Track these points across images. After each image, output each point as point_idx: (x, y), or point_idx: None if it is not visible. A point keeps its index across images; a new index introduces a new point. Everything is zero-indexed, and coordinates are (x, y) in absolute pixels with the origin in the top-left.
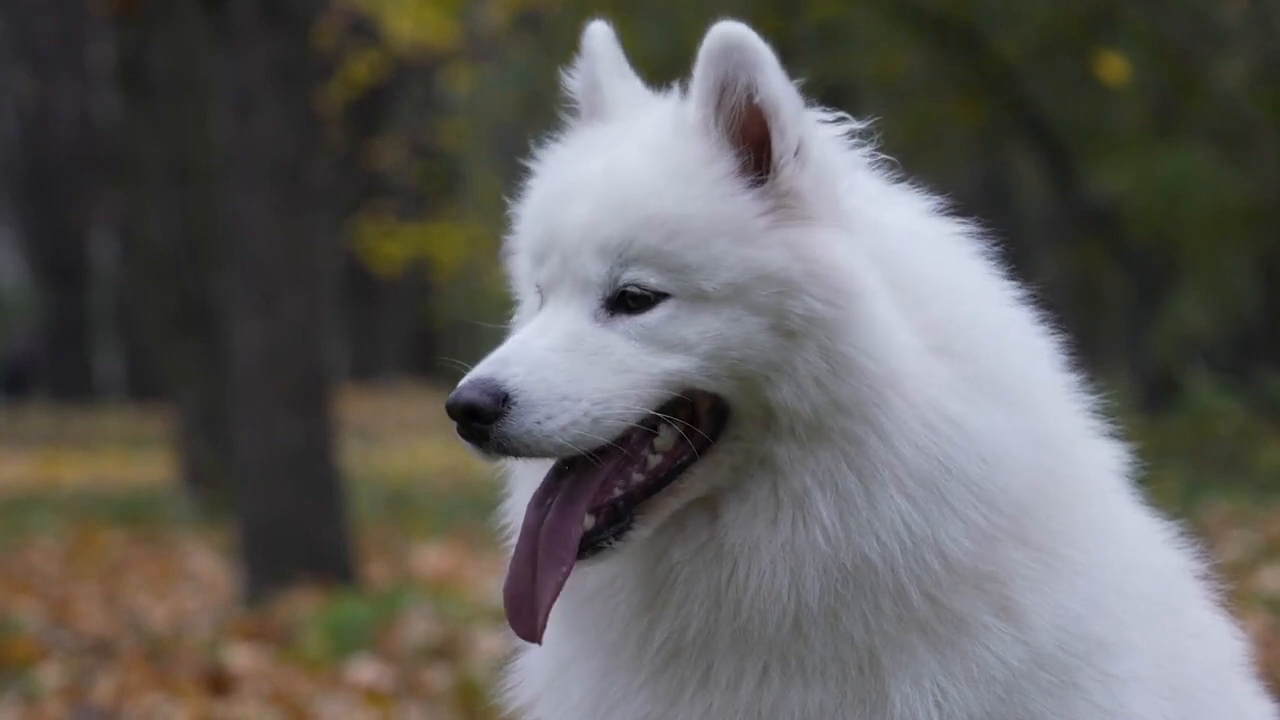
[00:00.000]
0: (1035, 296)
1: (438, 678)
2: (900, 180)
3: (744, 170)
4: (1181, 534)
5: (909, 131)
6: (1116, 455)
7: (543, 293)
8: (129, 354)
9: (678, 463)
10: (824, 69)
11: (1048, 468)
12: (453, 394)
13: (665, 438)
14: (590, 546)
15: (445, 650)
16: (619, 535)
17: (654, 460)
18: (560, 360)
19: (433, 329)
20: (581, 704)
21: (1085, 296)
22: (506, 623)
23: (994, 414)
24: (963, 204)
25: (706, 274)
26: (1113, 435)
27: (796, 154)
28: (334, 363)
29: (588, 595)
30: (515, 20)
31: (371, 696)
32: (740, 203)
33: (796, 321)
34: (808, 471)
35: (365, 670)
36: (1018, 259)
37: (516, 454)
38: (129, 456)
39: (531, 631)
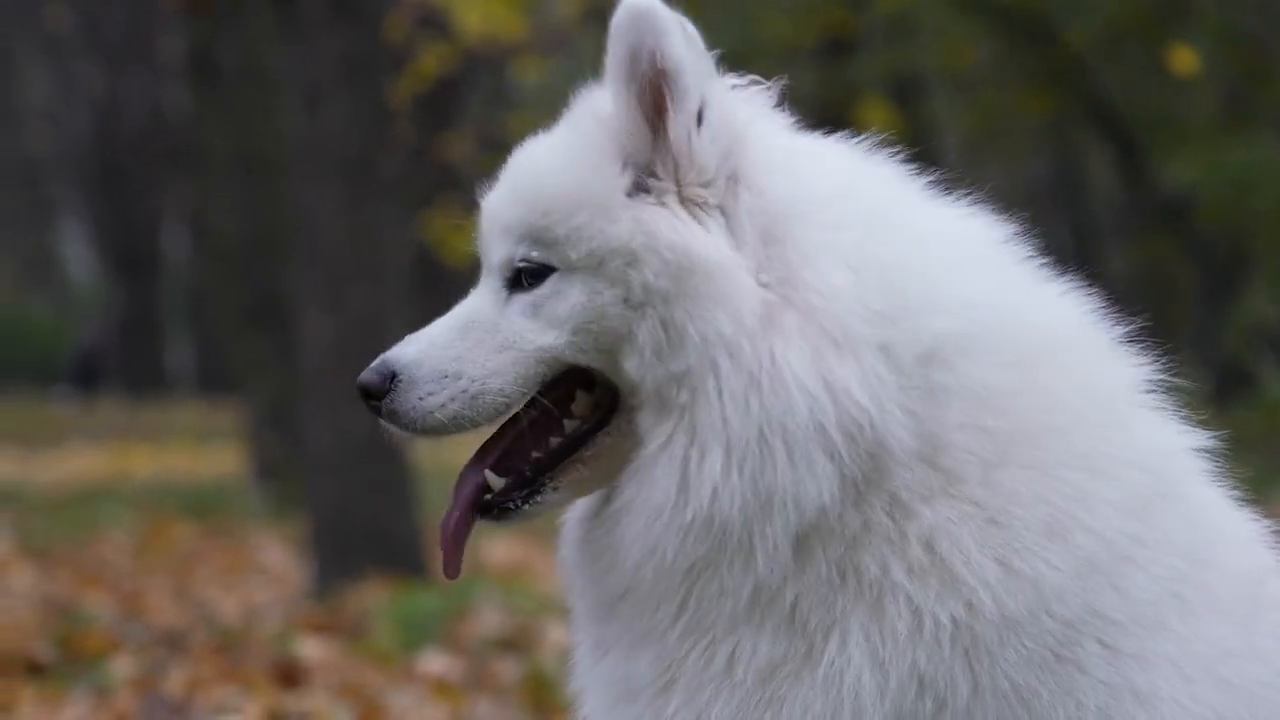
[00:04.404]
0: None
1: (507, 670)
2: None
3: (647, 142)
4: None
5: (978, 123)
6: (1193, 440)
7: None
8: (200, 347)
9: (584, 430)
10: (892, 61)
11: (976, 424)
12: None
13: (581, 403)
14: (498, 507)
15: (515, 642)
16: (527, 499)
17: (570, 425)
18: (451, 339)
19: None
20: (587, 646)
21: (1155, 288)
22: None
23: (847, 367)
24: (1032, 195)
25: (572, 245)
26: (1194, 422)
27: (694, 116)
28: None
29: (563, 565)
30: (585, 12)
31: (441, 689)
32: (606, 176)
33: (639, 292)
34: (656, 439)
35: (435, 662)
36: (1087, 250)
37: (407, 429)
38: (199, 449)
39: (448, 567)
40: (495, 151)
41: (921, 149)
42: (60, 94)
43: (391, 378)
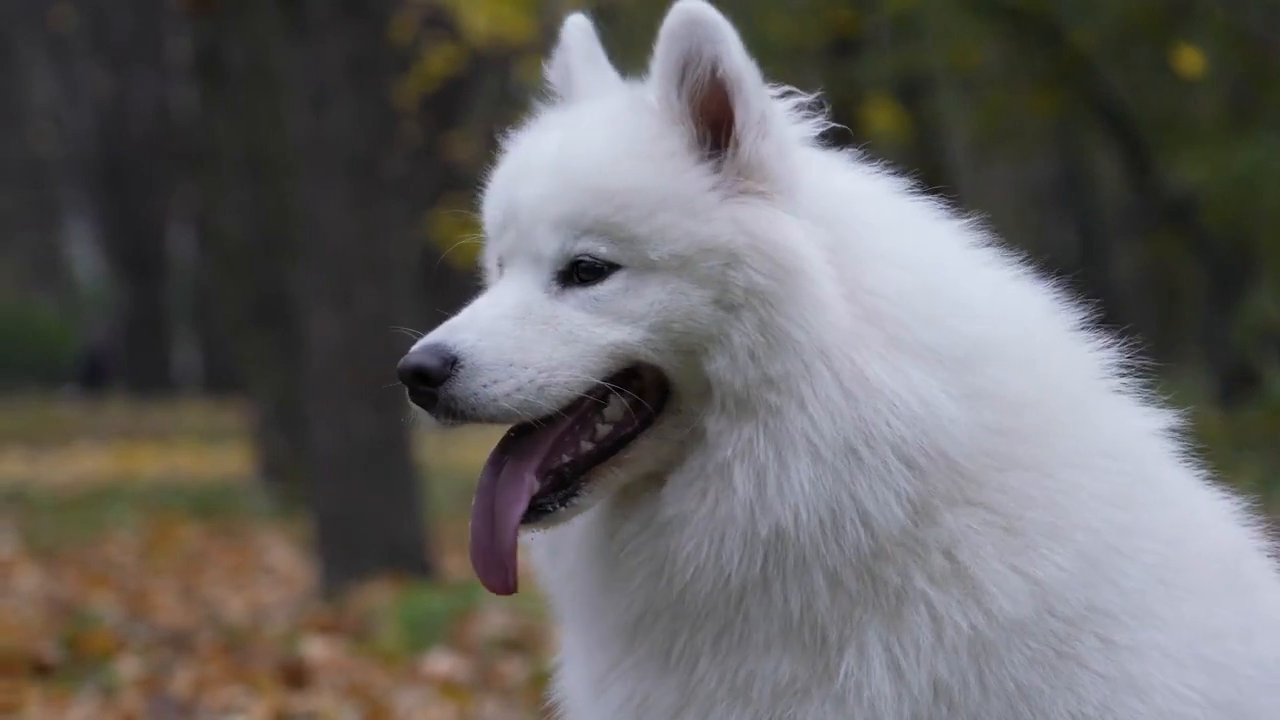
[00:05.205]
0: (1031, 261)
1: (513, 670)
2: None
3: (698, 145)
4: (1247, 510)
5: (985, 123)
6: (1159, 423)
7: (500, 266)
8: (206, 347)
9: (623, 433)
10: (899, 61)
11: (1003, 429)
12: (403, 359)
13: (614, 408)
14: (535, 509)
15: (521, 643)
16: (564, 501)
17: (603, 430)
18: (510, 328)
19: None
20: (583, 682)
21: (1162, 288)
22: (481, 583)
23: (918, 374)
24: (1038, 195)
25: (653, 245)
26: (1155, 403)
27: (759, 126)
28: None
29: (564, 575)
30: (590, 14)
31: (447, 689)
32: (689, 177)
33: (738, 294)
34: (730, 445)
35: (441, 663)
36: (1094, 250)
37: (463, 417)
38: (206, 449)
39: (503, 583)
40: (501, 150)
41: (928, 150)
42: (66, 94)
43: (452, 363)
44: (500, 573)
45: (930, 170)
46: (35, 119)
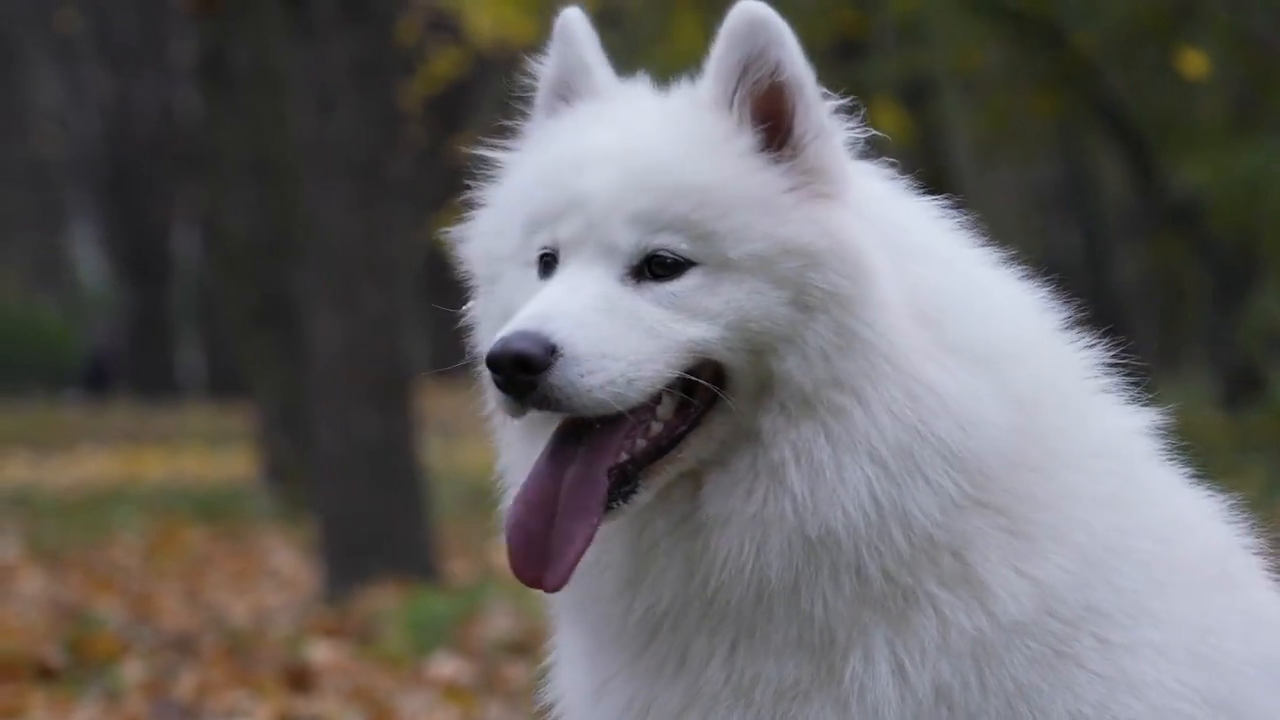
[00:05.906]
0: (1027, 264)
1: (518, 673)
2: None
3: (761, 146)
4: (1234, 507)
5: (988, 125)
6: (1145, 422)
7: (559, 255)
8: (210, 349)
9: (677, 431)
10: (903, 63)
11: (1019, 429)
12: (499, 344)
13: (666, 406)
14: (603, 506)
15: (526, 646)
16: (626, 498)
17: (655, 427)
18: (597, 319)
19: None
20: (581, 687)
21: (1166, 291)
22: (514, 570)
23: (965, 375)
24: (1042, 198)
25: (732, 243)
26: (1143, 403)
27: (821, 129)
28: (415, 357)
29: (577, 574)
30: (595, 17)
31: (452, 692)
32: (765, 177)
33: (816, 295)
34: (787, 444)
35: (446, 666)
36: (1098, 253)
37: (557, 407)
38: (210, 452)
39: (540, 579)
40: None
41: (932, 153)
42: (71, 97)
43: (552, 350)
44: (543, 569)
45: (934, 173)
46: (40, 121)
